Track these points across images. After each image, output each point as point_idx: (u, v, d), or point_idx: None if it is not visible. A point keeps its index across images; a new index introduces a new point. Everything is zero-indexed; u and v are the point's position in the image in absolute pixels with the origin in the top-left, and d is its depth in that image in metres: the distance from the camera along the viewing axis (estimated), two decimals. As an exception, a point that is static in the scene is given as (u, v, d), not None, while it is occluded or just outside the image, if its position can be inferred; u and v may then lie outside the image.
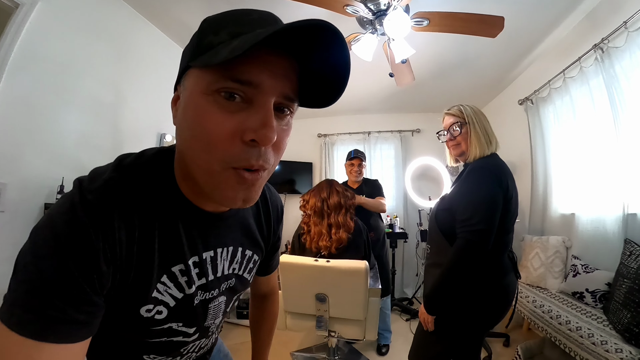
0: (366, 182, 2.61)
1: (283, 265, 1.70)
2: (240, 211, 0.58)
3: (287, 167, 4.09)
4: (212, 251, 0.53)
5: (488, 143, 1.25)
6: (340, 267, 1.61)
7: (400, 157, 3.91)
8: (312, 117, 4.20)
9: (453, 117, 1.32)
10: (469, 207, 1.14)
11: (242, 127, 0.37)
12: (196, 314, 0.53)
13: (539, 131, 2.72)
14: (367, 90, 3.40)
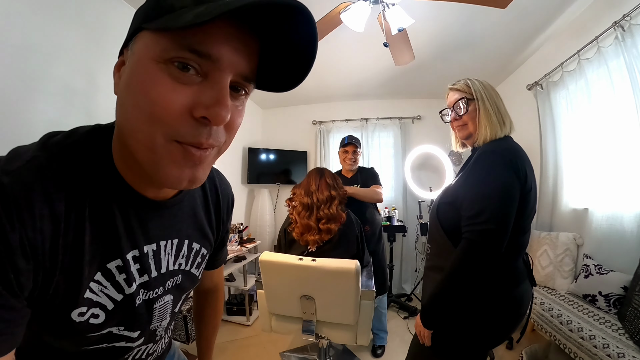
0: (361, 171, 2.42)
1: (264, 264, 1.54)
2: (186, 199, 0.54)
3: (280, 157, 3.90)
4: (155, 244, 0.49)
5: (501, 123, 1.04)
6: (327, 267, 1.44)
7: (400, 145, 3.70)
8: (306, 104, 3.99)
9: (459, 93, 1.12)
10: (476, 201, 0.95)
11: (194, 102, 0.34)
12: (139, 316, 0.49)
13: (550, 118, 2.52)
14: (364, 74, 3.18)
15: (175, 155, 0.35)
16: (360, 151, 2.39)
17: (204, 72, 0.34)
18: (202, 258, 0.59)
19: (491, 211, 0.91)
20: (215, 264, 0.74)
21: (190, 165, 0.37)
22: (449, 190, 1.09)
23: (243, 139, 3.71)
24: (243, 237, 3.02)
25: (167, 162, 0.35)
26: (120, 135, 0.40)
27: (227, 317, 2.91)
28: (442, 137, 3.51)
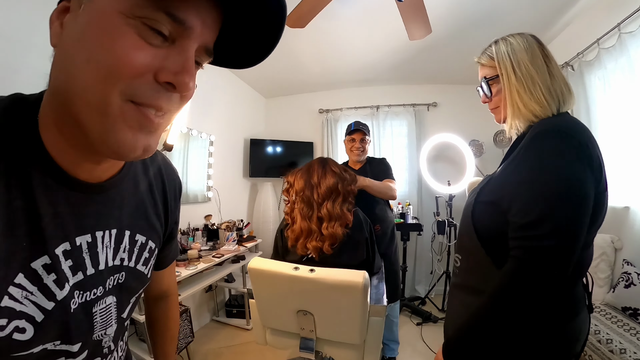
0: (371, 162, 2.12)
1: (253, 272, 1.29)
2: (125, 181, 0.47)
3: (285, 149, 3.64)
4: (89, 235, 0.42)
5: (542, 101, 0.74)
6: (328, 279, 1.17)
7: (414, 134, 3.38)
8: (312, 92, 3.71)
9: (483, 68, 0.86)
10: (533, 203, 0.66)
11: (160, 65, 0.32)
12: (77, 323, 0.41)
13: (583, 103, 2.22)
14: (373, 56, 2.86)
15: (131, 118, 0.32)
16: (369, 139, 2.09)
17: (172, 38, 0.33)
18: (150, 253, 0.53)
19: (556, 220, 0.62)
20: (163, 263, 0.65)
21: (145, 132, 0.34)
22: (490, 185, 0.80)
23: (244, 129, 3.46)
24: (243, 235, 2.79)
25: (121, 126, 0.32)
26: (58, 99, 0.34)
27: (226, 320, 2.73)
28: (461, 125, 3.18)
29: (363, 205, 1.65)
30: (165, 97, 0.34)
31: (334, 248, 1.39)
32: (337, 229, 1.38)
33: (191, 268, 1.90)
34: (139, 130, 0.33)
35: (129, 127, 0.33)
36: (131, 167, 0.48)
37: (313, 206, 1.43)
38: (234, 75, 3.20)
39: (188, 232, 2.35)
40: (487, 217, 0.77)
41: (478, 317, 0.71)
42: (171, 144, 1.65)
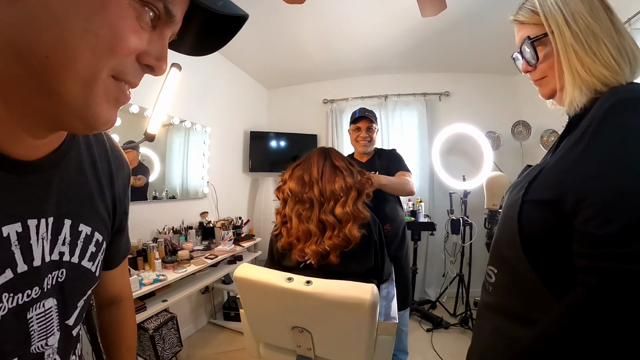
0: (379, 154, 1.88)
1: (239, 281, 1.10)
2: (66, 160, 0.42)
3: (287, 141, 3.45)
4: (19, 223, 0.36)
5: (611, 63, 0.54)
6: (329, 295, 0.97)
7: (426, 126, 3.14)
8: (315, 81, 3.49)
9: (524, 27, 0.64)
10: (614, 206, 0.46)
11: (145, 48, 0.34)
12: (7, 334, 0.35)
13: None
14: (382, 41, 2.63)
15: (111, 92, 0.33)
16: (376, 128, 1.84)
17: (154, 25, 0.34)
18: (97, 247, 0.46)
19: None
20: (113, 261, 0.59)
21: (117, 107, 0.35)
22: (543, 178, 0.57)
23: (244, 122, 3.27)
24: (241, 234, 2.61)
25: (101, 100, 0.33)
26: (21, 59, 0.30)
27: (224, 323, 2.57)
28: (475, 116, 2.94)
29: (371, 203, 1.44)
30: (140, 76, 0.36)
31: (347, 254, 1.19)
32: (352, 231, 1.16)
33: (180, 271, 1.73)
34: (114, 104, 0.35)
35: (107, 101, 0.33)
36: (73, 142, 0.42)
37: (313, 206, 1.22)
38: (234, 66, 3.01)
39: (180, 231, 2.17)
40: (540, 222, 0.55)
41: (528, 353, 0.52)
42: (152, 133, 1.47)
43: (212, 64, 2.68)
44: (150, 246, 1.71)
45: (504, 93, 3.14)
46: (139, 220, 1.96)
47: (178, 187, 2.35)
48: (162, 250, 1.81)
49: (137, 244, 1.78)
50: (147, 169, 2.06)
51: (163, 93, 1.50)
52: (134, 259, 1.69)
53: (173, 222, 2.20)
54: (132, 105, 1.86)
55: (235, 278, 1.10)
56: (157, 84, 1.53)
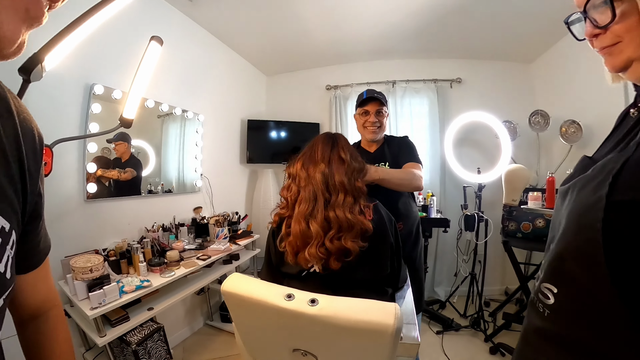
0: (390, 142, 1.65)
1: (228, 297, 0.92)
2: None
3: (288, 130, 3.23)
4: None
5: None
6: (340, 320, 0.77)
7: (437, 114, 2.92)
8: (318, 66, 3.25)
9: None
10: None
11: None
12: None
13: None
14: (390, 22, 2.39)
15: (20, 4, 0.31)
16: (387, 111, 1.60)
17: None
18: (3, 238, 0.36)
19: None
20: (32, 260, 0.49)
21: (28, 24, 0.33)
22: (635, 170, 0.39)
23: (241, 110, 3.04)
24: (238, 230, 2.42)
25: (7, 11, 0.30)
26: None
27: (221, 325, 2.41)
28: (489, 104, 2.72)
29: (382, 199, 1.23)
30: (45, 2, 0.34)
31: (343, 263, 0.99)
32: (347, 243, 0.96)
33: (167, 275, 1.54)
34: (24, 16, 0.32)
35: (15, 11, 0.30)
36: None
37: (317, 200, 1.02)
38: (231, 50, 2.77)
39: (170, 229, 1.98)
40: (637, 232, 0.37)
41: None
42: (128, 118, 1.26)
43: (207, 47, 2.45)
44: (135, 247, 1.52)
45: (519, 82, 2.93)
46: (125, 218, 1.78)
47: (174, 180, 2.17)
48: (148, 251, 1.62)
49: (122, 244, 1.59)
50: (138, 162, 1.88)
51: (141, 70, 1.28)
52: (117, 262, 1.50)
53: (164, 219, 2.01)
54: (115, 90, 1.64)
55: (224, 293, 0.91)
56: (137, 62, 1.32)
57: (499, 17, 2.26)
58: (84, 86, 1.57)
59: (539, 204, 1.89)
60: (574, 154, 2.34)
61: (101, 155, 1.65)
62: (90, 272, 1.23)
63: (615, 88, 1.96)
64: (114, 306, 1.25)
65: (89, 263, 1.26)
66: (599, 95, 2.16)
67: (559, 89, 2.59)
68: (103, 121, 1.59)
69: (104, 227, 1.64)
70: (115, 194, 1.72)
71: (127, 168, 1.78)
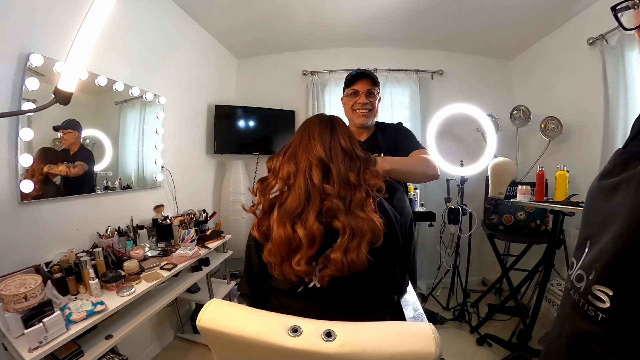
0: (383, 130, 1.44)
1: (208, 334, 0.68)
2: None
3: (260, 118, 2.94)
4: None
5: None
6: (371, 356, 0.59)
7: (418, 105, 2.84)
8: (295, 50, 2.99)
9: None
10: None
11: None
12: None
13: (622, 82, 1.87)
14: (377, 6, 2.23)
15: None
16: (379, 93, 1.39)
17: None
18: None
19: None
20: None
21: None
22: None
23: (208, 94, 2.69)
24: (206, 231, 2.12)
25: None
26: None
27: (194, 337, 2.16)
28: (470, 97, 2.69)
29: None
30: None
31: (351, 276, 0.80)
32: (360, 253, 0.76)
33: (126, 292, 1.24)
34: None
35: None
36: None
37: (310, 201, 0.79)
38: (198, 26, 2.42)
39: (127, 233, 1.64)
40: None
41: None
42: (67, 90, 0.94)
43: (172, 21, 2.10)
44: (83, 261, 1.19)
45: (498, 77, 2.97)
46: (72, 222, 1.43)
47: (133, 174, 1.83)
48: (101, 263, 1.30)
49: (69, 256, 1.25)
50: (90, 154, 1.55)
51: (85, 28, 0.96)
52: (62, 281, 1.17)
53: (120, 221, 1.66)
54: (58, 62, 1.28)
55: (201, 329, 0.67)
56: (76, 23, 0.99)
57: (486, 13, 2.23)
58: (18, 56, 1.19)
59: (527, 197, 1.86)
60: (552, 149, 2.39)
61: (48, 147, 1.32)
62: (25, 299, 0.92)
63: (594, 87, 2.02)
64: (60, 343, 0.95)
65: (23, 288, 0.94)
66: (578, 93, 2.24)
67: (537, 86, 2.65)
68: (43, 101, 1.21)
69: (45, 235, 1.29)
70: (65, 192, 1.38)
71: (77, 162, 1.43)
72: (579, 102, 2.24)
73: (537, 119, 2.41)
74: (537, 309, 1.88)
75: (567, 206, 1.64)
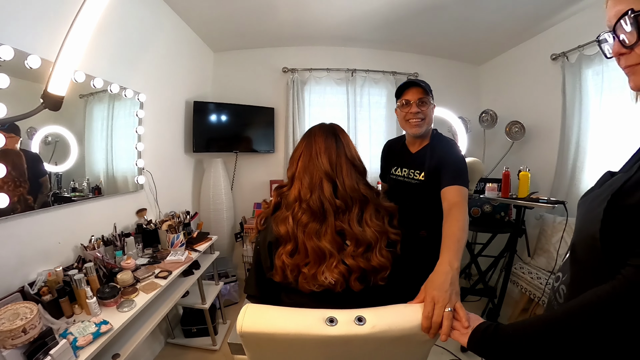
0: (434, 145, 1.34)
1: (252, 339, 0.73)
2: None
3: (239, 115, 2.87)
4: None
5: None
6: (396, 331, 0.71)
7: (395, 106, 2.95)
8: (275, 46, 2.95)
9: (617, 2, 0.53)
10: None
11: None
12: None
13: (578, 95, 2.15)
14: (362, 9, 2.29)
15: None
16: (432, 102, 1.34)
17: None
18: None
19: None
20: None
21: None
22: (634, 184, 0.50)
23: (185, 90, 2.56)
24: (192, 233, 2.07)
25: None
26: None
27: (186, 341, 2.11)
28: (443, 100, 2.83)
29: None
30: None
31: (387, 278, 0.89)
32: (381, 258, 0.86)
33: (127, 307, 1.20)
34: None
35: None
36: None
37: (324, 213, 0.87)
38: (177, 17, 2.29)
39: (114, 241, 1.56)
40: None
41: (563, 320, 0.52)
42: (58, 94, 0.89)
43: (150, 10, 1.95)
44: (77, 280, 1.12)
45: (469, 81, 3.20)
46: (52, 236, 1.29)
47: (102, 174, 1.67)
48: (94, 279, 1.23)
49: (57, 275, 1.16)
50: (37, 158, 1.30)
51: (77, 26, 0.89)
52: (55, 303, 1.08)
53: (102, 229, 1.56)
54: (31, 56, 1.13)
55: (245, 335, 0.71)
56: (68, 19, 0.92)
57: (461, 22, 2.38)
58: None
59: (495, 193, 2.08)
60: (514, 149, 2.66)
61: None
62: (24, 332, 0.83)
63: (553, 97, 2.28)
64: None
65: (19, 320, 0.85)
66: (539, 101, 2.51)
67: (504, 91, 2.91)
68: (15, 100, 1.09)
69: (26, 253, 1.16)
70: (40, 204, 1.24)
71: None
72: (540, 108, 2.51)
73: (502, 122, 2.66)
74: (503, 290, 2.14)
75: (529, 202, 1.87)
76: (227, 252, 2.90)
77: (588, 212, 0.56)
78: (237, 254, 3.01)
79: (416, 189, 1.33)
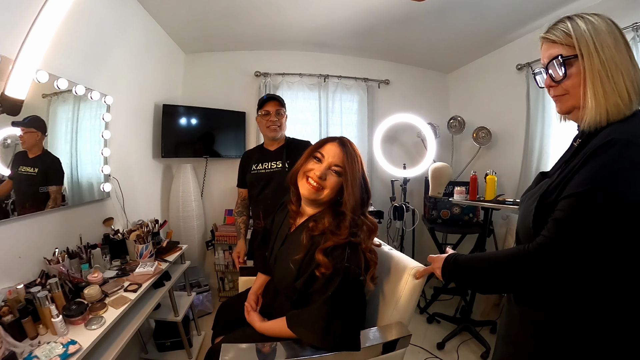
0: (290, 147, 1.77)
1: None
2: None
3: (209, 119, 2.79)
4: None
5: (624, 92, 0.62)
6: None
7: (366, 112, 3.06)
8: (247, 50, 2.92)
9: (554, 46, 0.69)
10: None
11: None
12: None
13: (541, 103, 2.33)
14: (336, 16, 2.34)
15: None
16: (285, 113, 1.75)
17: None
18: None
19: None
20: None
21: None
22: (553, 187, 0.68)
23: (154, 92, 2.45)
24: (162, 242, 1.97)
25: None
26: None
27: (159, 356, 2.01)
28: (412, 106, 3.03)
29: None
30: None
31: None
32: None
33: (94, 325, 1.11)
34: None
35: None
36: None
37: None
38: (147, 15, 2.19)
39: (79, 253, 1.44)
40: None
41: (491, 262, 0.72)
42: (17, 97, 0.82)
43: (119, 7, 1.85)
44: (40, 297, 1.02)
45: (437, 89, 3.35)
46: (11, 250, 1.17)
47: (66, 180, 1.53)
48: (59, 295, 1.13)
49: (18, 293, 1.04)
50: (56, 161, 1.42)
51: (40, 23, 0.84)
52: (17, 324, 0.97)
53: (67, 241, 1.44)
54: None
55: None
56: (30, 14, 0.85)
57: (430, 31, 2.49)
58: None
59: (463, 196, 2.21)
60: (481, 153, 2.85)
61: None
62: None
63: (518, 104, 2.46)
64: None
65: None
66: (505, 108, 2.69)
67: (471, 98, 3.09)
68: None
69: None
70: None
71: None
72: (505, 115, 2.68)
73: (470, 128, 2.84)
74: (472, 288, 2.27)
75: (496, 204, 2.01)
76: (199, 261, 2.79)
77: (526, 208, 0.73)
78: (209, 263, 2.91)
79: (277, 174, 1.68)
